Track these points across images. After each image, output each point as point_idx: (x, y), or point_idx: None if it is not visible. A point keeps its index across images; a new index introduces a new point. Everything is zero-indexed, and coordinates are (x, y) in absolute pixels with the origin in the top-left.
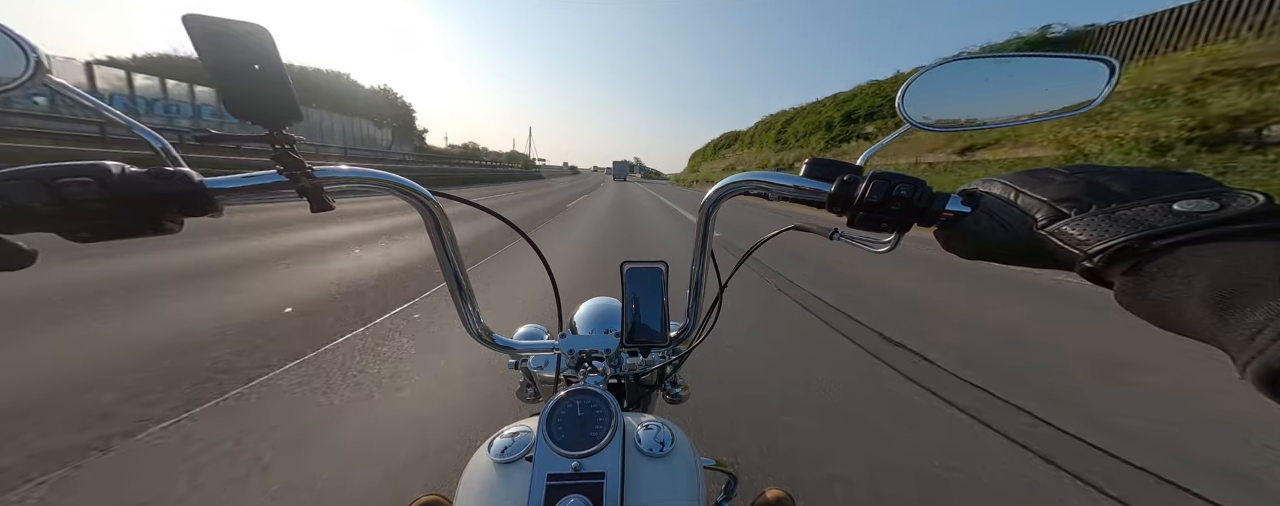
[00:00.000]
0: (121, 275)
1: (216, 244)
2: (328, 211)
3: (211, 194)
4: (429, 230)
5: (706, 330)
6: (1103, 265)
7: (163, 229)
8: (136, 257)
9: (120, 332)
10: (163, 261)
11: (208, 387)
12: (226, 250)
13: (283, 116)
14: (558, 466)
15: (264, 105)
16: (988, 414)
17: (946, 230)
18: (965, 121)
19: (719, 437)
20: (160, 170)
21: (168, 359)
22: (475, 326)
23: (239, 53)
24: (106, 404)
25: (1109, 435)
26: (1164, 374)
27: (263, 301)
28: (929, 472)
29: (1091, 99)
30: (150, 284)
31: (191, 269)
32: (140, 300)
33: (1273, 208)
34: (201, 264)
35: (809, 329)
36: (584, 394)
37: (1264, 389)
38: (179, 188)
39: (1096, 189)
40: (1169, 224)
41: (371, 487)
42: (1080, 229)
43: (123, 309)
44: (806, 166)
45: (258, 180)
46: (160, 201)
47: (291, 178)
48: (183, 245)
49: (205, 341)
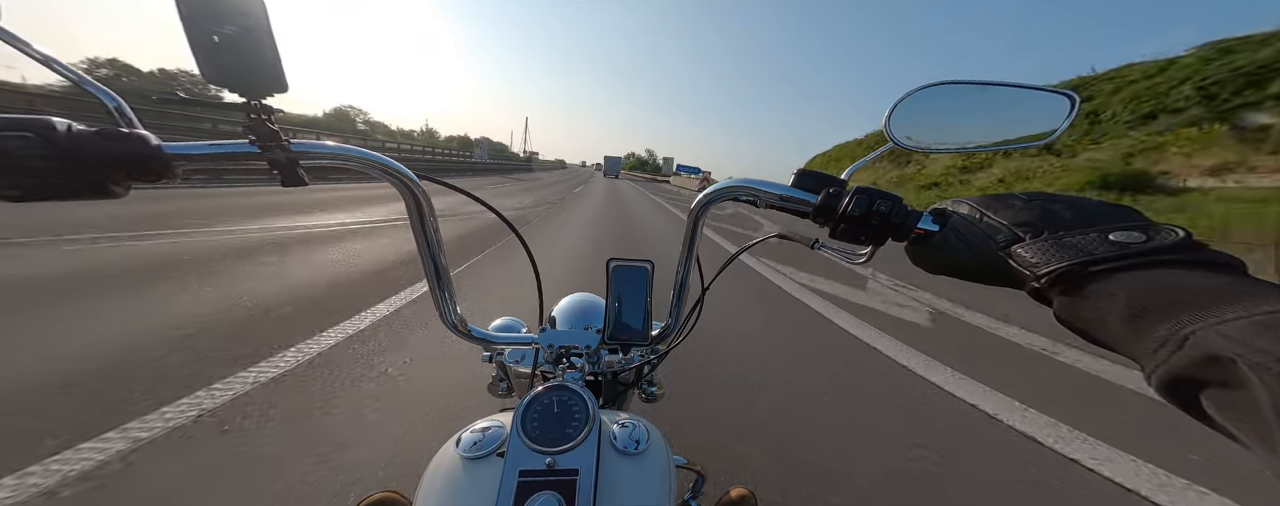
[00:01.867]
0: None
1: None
2: (300, 186)
3: (169, 158)
4: (410, 214)
5: (686, 331)
6: (1047, 286)
7: (107, 192)
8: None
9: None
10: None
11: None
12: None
13: (265, 85)
14: (531, 462)
15: (246, 72)
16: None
17: (916, 246)
18: (945, 144)
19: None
20: (112, 130)
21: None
22: (451, 316)
23: (226, 19)
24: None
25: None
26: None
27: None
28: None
29: (1054, 129)
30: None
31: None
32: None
33: (1190, 242)
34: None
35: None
36: (562, 389)
37: (1166, 396)
38: (133, 150)
39: (1049, 215)
40: (1104, 252)
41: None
42: (1032, 252)
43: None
44: (795, 177)
45: (225, 148)
46: (109, 164)
47: (264, 148)
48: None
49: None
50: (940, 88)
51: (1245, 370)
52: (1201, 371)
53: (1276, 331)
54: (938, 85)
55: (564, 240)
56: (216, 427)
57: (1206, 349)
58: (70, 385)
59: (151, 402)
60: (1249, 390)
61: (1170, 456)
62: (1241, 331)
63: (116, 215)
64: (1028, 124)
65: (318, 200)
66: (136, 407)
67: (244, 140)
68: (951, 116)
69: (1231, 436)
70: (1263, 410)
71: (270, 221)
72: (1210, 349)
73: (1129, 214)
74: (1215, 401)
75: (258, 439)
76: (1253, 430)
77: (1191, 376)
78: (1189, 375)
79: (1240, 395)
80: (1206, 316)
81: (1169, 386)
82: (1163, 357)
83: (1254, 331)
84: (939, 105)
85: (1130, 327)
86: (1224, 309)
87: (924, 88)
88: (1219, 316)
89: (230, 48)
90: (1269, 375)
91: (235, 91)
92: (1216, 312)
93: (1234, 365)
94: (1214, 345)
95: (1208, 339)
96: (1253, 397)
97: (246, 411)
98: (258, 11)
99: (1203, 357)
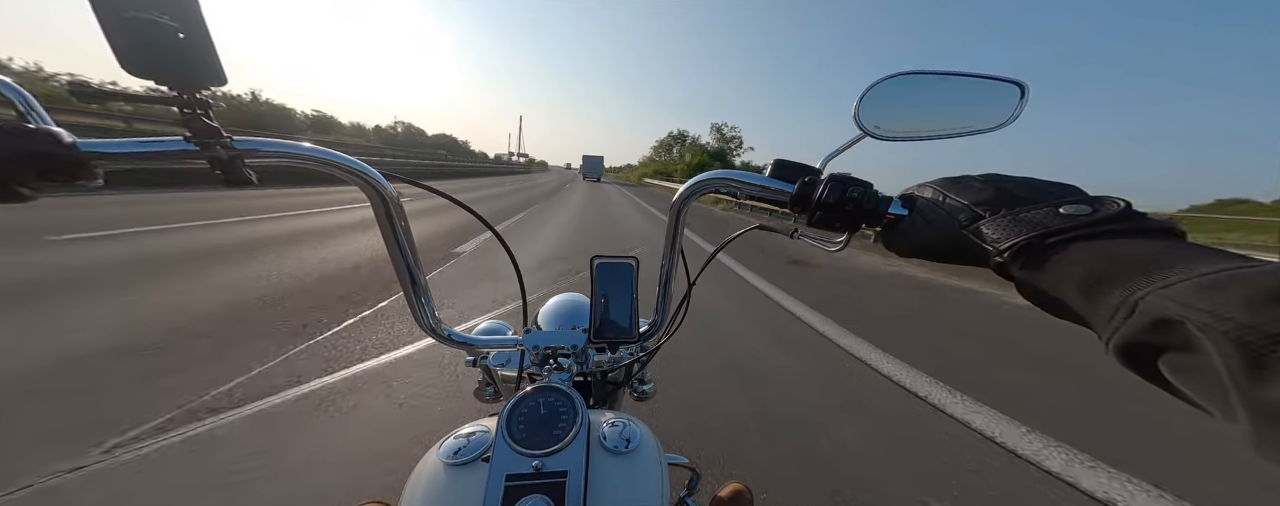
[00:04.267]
0: None
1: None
2: (249, 187)
3: (85, 157)
4: (379, 217)
5: (674, 327)
6: (1009, 259)
7: (11, 194)
8: None
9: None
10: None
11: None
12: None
13: (200, 77)
14: (517, 466)
15: (174, 64)
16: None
17: (888, 232)
18: (912, 132)
19: (605, 207)
20: (15, 126)
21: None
22: (428, 320)
23: (149, 8)
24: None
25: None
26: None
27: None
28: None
29: (1009, 116)
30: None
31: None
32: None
33: (1130, 212)
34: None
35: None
36: (548, 391)
37: (1122, 360)
38: (40, 147)
39: (1004, 194)
40: (1057, 224)
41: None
42: (993, 229)
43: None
44: (772, 167)
45: (154, 146)
46: (12, 163)
47: (202, 146)
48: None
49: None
50: (905, 78)
51: (1193, 330)
52: (1153, 336)
53: (1218, 290)
54: (902, 75)
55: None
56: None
57: (1156, 312)
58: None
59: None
60: (1199, 350)
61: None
62: (1185, 293)
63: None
64: (985, 111)
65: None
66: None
67: (178, 137)
68: (916, 105)
69: (1190, 401)
70: (1214, 368)
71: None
72: (1159, 312)
73: (1075, 190)
74: (1171, 365)
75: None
76: (1208, 391)
77: (1145, 341)
78: (1143, 340)
79: (1193, 357)
80: (1153, 281)
81: (1126, 353)
82: (1117, 324)
83: (1197, 292)
84: (904, 95)
85: (1086, 298)
86: (1168, 273)
87: (889, 77)
88: (1164, 280)
89: (155, 37)
90: (1214, 333)
91: (163, 84)
92: (1161, 277)
93: (1183, 326)
94: (1162, 308)
95: (1155, 302)
96: (1204, 357)
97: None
98: (189, 3)
99: (1153, 321)
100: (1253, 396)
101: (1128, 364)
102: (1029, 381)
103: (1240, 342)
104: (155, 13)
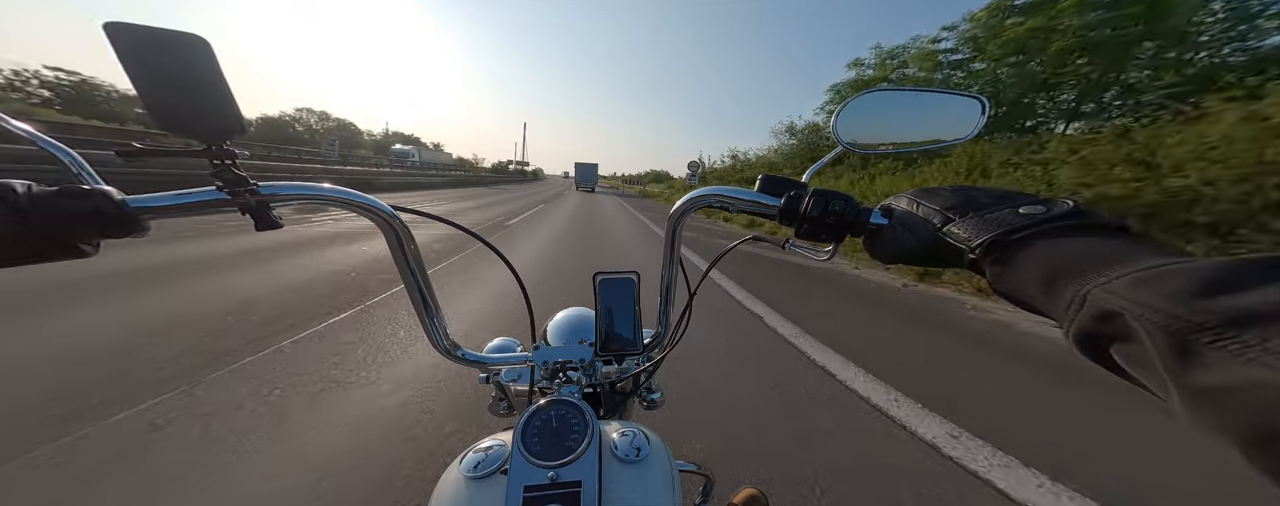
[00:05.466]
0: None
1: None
2: (275, 229)
3: (135, 213)
4: (390, 244)
5: (678, 336)
6: (981, 255)
7: (77, 252)
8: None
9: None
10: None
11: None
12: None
13: (223, 129)
14: (534, 477)
15: (201, 118)
16: (627, 204)
17: (871, 240)
18: (885, 145)
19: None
20: (73, 188)
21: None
22: (442, 341)
23: (171, 65)
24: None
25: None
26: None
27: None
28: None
29: (971, 130)
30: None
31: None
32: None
33: (1078, 210)
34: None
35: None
36: (559, 404)
37: (1082, 352)
38: (97, 206)
39: (970, 200)
40: (1017, 222)
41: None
42: (964, 229)
43: None
44: (760, 182)
45: (192, 197)
46: (75, 223)
47: (233, 194)
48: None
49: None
50: (879, 93)
51: (1131, 321)
52: (1101, 326)
53: (1151, 284)
54: (876, 91)
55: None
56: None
57: (1100, 305)
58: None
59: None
60: (1138, 339)
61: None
62: (1123, 287)
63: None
64: (951, 125)
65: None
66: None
67: (211, 188)
68: (888, 120)
69: (1141, 385)
70: (1151, 356)
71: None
72: (1103, 305)
73: (1030, 195)
74: (1121, 354)
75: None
76: (1149, 377)
77: (1095, 332)
78: (1093, 331)
79: (1134, 346)
80: (1099, 277)
81: (1081, 343)
82: (1071, 316)
83: (1132, 286)
84: (878, 110)
85: (1046, 292)
86: (1112, 268)
87: (866, 93)
88: (1108, 275)
89: (181, 94)
90: (1148, 324)
91: (193, 138)
92: (1106, 272)
93: (1123, 317)
94: (1106, 301)
95: (1099, 296)
96: (1142, 346)
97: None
98: (202, 54)
99: (1099, 313)
100: (1182, 380)
101: (1084, 353)
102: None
103: (1169, 331)
104: (186, 75)
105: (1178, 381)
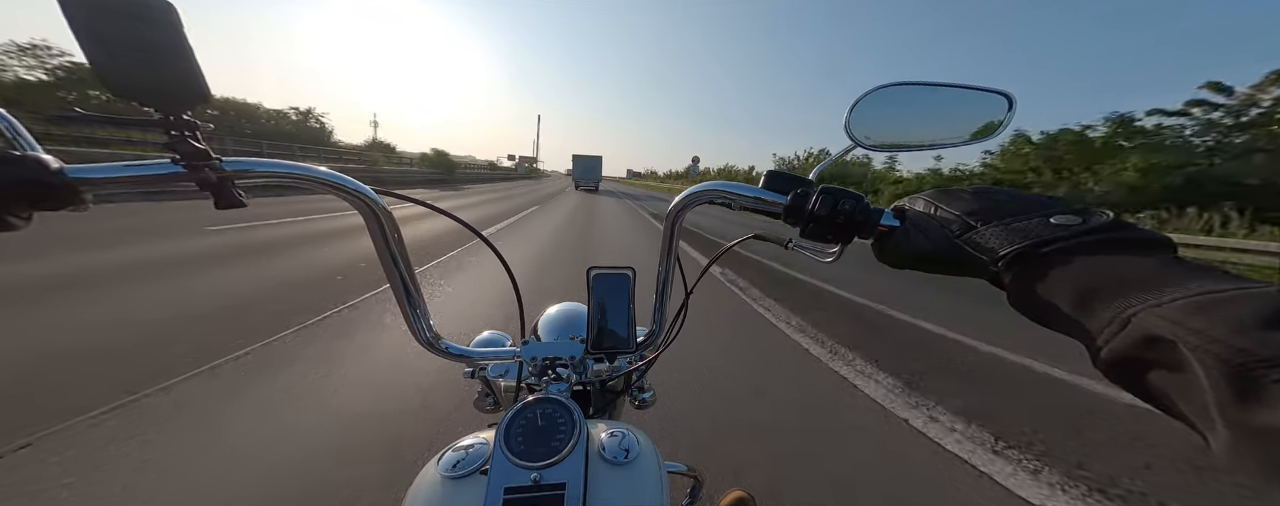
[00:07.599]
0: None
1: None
2: (238, 208)
3: (73, 184)
4: (372, 232)
5: (672, 335)
6: (1004, 269)
7: (3, 224)
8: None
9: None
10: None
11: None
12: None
13: (183, 98)
14: (516, 478)
15: (159, 84)
16: (626, 201)
17: (880, 242)
18: (901, 142)
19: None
20: (3, 153)
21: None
22: (425, 334)
23: (127, 27)
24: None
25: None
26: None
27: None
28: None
29: (998, 126)
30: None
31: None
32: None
33: (1118, 223)
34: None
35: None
36: (545, 402)
37: (1111, 376)
38: (28, 175)
39: (994, 205)
40: (1049, 234)
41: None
42: (986, 238)
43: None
44: (765, 178)
45: (142, 170)
46: (3, 192)
47: (191, 168)
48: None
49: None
50: (893, 89)
51: (1184, 350)
52: (1142, 351)
53: (1209, 311)
54: (891, 86)
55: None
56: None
57: (1147, 329)
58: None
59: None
60: (1188, 369)
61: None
62: (1178, 312)
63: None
64: (974, 122)
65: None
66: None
67: (165, 159)
68: (905, 116)
69: (1176, 415)
70: (1201, 387)
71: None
72: (1150, 329)
73: (1059, 201)
74: (1161, 382)
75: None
76: (1192, 408)
77: (1134, 356)
78: (1132, 355)
79: (1180, 375)
80: (1146, 298)
81: (1114, 366)
82: (1107, 338)
83: (1189, 312)
84: (893, 106)
85: (1078, 310)
86: (1162, 291)
87: (879, 88)
88: (1157, 298)
89: (136, 55)
90: (1204, 354)
91: (147, 105)
92: (1155, 295)
93: (1173, 345)
94: (1154, 326)
95: (1147, 320)
96: (1191, 376)
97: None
98: (169, 23)
99: (1143, 337)
100: (1238, 417)
101: (1114, 377)
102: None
103: (1229, 364)
104: (144, 39)
105: (1231, 417)
